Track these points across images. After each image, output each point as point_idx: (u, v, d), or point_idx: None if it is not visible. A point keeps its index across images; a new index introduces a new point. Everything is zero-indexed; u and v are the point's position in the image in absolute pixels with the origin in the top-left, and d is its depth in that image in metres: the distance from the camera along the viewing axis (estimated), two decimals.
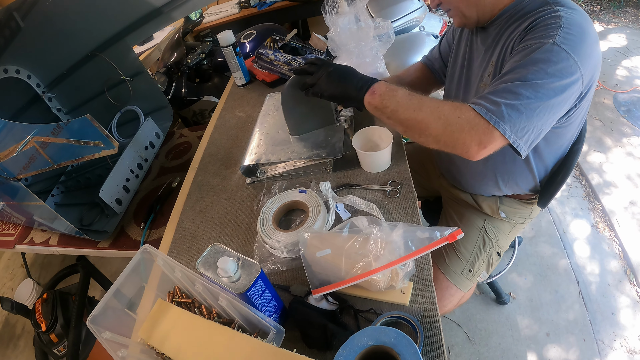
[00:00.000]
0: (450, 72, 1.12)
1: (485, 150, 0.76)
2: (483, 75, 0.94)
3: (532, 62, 0.73)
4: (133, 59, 1.61)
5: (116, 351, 0.67)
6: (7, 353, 2.11)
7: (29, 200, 1.24)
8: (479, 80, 0.96)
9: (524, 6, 0.84)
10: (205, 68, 2.39)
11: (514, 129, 0.73)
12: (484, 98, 0.76)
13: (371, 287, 0.77)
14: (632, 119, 2.52)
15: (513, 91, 0.73)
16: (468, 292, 1.21)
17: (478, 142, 0.75)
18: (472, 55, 1.00)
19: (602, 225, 2.02)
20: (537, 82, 0.72)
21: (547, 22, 0.76)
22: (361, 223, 0.85)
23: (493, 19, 0.90)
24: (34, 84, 1.64)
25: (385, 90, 0.86)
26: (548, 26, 0.75)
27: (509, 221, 1.18)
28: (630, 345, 1.56)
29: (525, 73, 0.73)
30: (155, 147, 1.56)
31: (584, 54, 0.73)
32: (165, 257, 0.77)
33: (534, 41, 0.75)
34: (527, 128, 0.74)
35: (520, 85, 0.73)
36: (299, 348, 0.64)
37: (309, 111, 1.14)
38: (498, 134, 0.74)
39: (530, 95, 0.72)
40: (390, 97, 0.84)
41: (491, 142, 0.75)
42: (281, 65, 1.52)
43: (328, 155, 1.08)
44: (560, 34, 0.73)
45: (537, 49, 0.74)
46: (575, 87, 0.75)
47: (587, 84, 0.78)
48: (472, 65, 1.00)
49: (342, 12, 1.22)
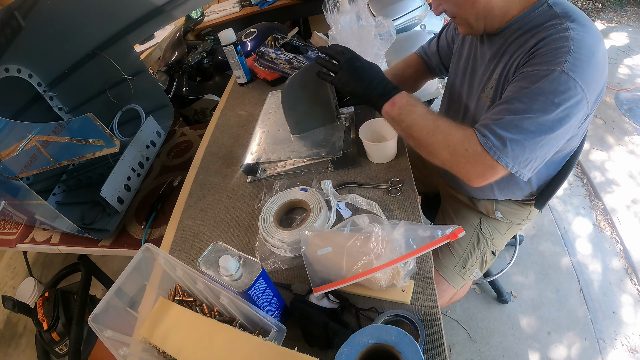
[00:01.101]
0: (452, 75, 1.11)
1: (486, 181, 0.80)
2: (485, 86, 0.93)
3: (540, 93, 0.72)
4: (134, 58, 1.61)
5: (118, 349, 0.67)
6: (8, 352, 2.11)
7: (31, 199, 1.24)
8: (481, 90, 0.94)
9: (531, 19, 0.81)
10: (207, 67, 2.39)
11: (516, 162, 0.76)
12: (490, 130, 0.76)
13: (372, 286, 0.77)
14: (634, 118, 2.51)
15: (518, 125, 0.74)
16: (461, 290, 1.21)
17: (480, 174, 0.79)
18: (476, 61, 0.98)
19: (603, 224, 2.01)
20: (542, 115, 0.72)
21: (556, 45, 0.73)
22: (362, 221, 0.85)
23: (500, 29, 0.87)
24: (35, 83, 1.65)
25: (405, 104, 0.86)
26: (557, 50, 0.72)
27: (506, 221, 1.18)
28: (631, 344, 1.55)
29: (531, 105, 0.73)
30: (157, 145, 1.56)
31: (591, 79, 0.72)
32: (167, 255, 0.77)
33: (542, 67, 0.73)
34: (530, 159, 0.76)
35: (525, 119, 0.73)
36: (300, 346, 0.65)
37: (309, 109, 1.14)
38: (501, 167, 0.76)
39: (534, 130, 0.73)
40: (408, 112, 0.85)
41: (493, 175, 0.78)
42: (282, 63, 1.52)
43: (328, 154, 1.08)
44: (569, 60, 0.71)
45: (545, 77, 0.72)
46: (580, 112, 0.74)
47: (592, 106, 0.77)
48: (475, 72, 0.99)
49: (343, 10, 1.22)
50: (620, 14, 3.70)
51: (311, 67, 1.06)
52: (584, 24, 0.75)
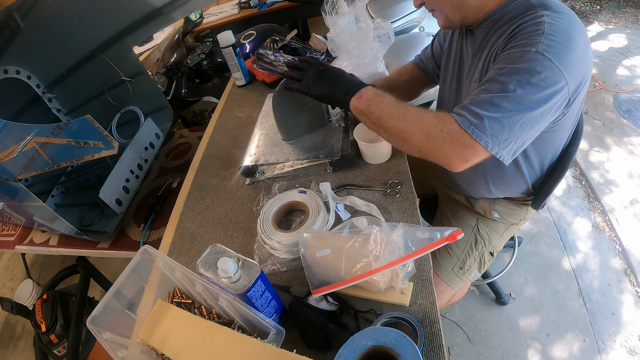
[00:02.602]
0: (442, 74, 1.12)
1: (467, 163, 0.77)
2: (471, 81, 0.94)
3: (515, 72, 0.72)
4: (133, 60, 1.61)
5: (116, 352, 0.67)
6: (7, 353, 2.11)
7: (29, 200, 1.24)
8: (468, 85, 0.95)
9: (509, 10, 0.82)
10: (205, 68, 2.39)
11: (496, 142, 0.74)
12: (466, 109, 0.75)
13: (371, 288, 0.77)
14: (633, 119, 2.52)
15: (495, 103, 0.72)
16: (459, 292, 1.21)
17: (460, 155, 0.76)
18: (462, 58, 1.00)
19: (602, 225, 2.02)
20: (519, 93, 0.71)
21: (530, 29, 0.74)
22: (361, 223, 0.85)
23: (479, 23, 0.88)
24: (34, 84, 1.65)
25: (372, 96, 0.85)
26: (531, 33, 0.73)
27: (503, 222, 1.19)
28: (630, 345, 1.55)
29: (507, 83, 0.72)
30: (155, 147, 1.56)
31: (569, 62, 0.72)
32: (165, 257, 0.77)
33: (517, 49, 0.74)
34: (509, 139, 0.74)
35: (502, 97, 0.72)
36: (299, 349, 0.64)
37: (299, 115, 1.14)
38: (480, 147, 0.74)
39: (512, 108, 0.72)
40: (376, 103, 0.84)
41: (473, 155, 0.76)
42: (281, 65, 1.52)
43: (326, 157, 1.08)
44: (543, 41, 0.71)
45: (520, 57, 0.72)
46: (559, 95, 0.74)
47: (574, 91, 0.76)
48: (462, 69, 1.00)
49: (342, 12, 1.22)
50: (618, 16, 3.72)
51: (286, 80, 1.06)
52: (560, 12, 0.76)
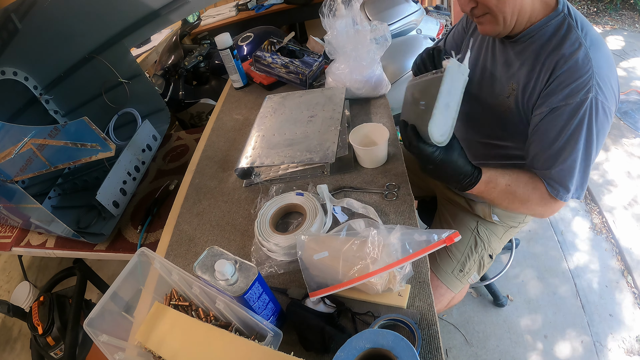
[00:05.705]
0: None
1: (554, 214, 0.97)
2: (502, 94, 0.95)
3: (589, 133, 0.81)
4: (130, 62, 1.61)
5: (113, 354, 0.67)
6: (3, 356, 2.10)
7: (26, 202, 1.24)
8: (499, 94, 0.96)
9: (549, 27, 0.85)
10: (203, 71, 2.39)
11: (579, 194, 0.89)
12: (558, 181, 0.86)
13: (369, 290, 0.77)
14: (630, 121, 2.53)
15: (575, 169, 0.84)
16: (459, 294, 1.21)
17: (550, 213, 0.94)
18: (496, 62, 0.98)
19: (599, 227, 2.03)
20: (589, 150, 0.83)
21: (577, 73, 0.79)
22: (358, 226, 0.85)
23: (520, 36, 0.88)
24: (32, 86, 1.64)
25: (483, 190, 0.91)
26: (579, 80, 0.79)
27: (503, 225, 1.19)
28: (627, 347, 1.56)
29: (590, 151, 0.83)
30: (153, 149, 1.56)
31: (613, 94, 0.81)
32: (163, 260, 0.77)
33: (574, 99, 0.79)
34: (585, 184, 0.88)
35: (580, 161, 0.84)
36: (296, 351, 0.65)
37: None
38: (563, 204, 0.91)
39: (587, 164, 0.85)
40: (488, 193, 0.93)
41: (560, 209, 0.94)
42: (278, 68, 1.53)
43: (320, 160, 1.07)
44: (594, 85, 0.78)
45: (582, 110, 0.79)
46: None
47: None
48: (495, 74, 0.98)
49: (339, 15, 1.22)
50: (615, 18, 3.74)
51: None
52: (596, 44, 0.81)
